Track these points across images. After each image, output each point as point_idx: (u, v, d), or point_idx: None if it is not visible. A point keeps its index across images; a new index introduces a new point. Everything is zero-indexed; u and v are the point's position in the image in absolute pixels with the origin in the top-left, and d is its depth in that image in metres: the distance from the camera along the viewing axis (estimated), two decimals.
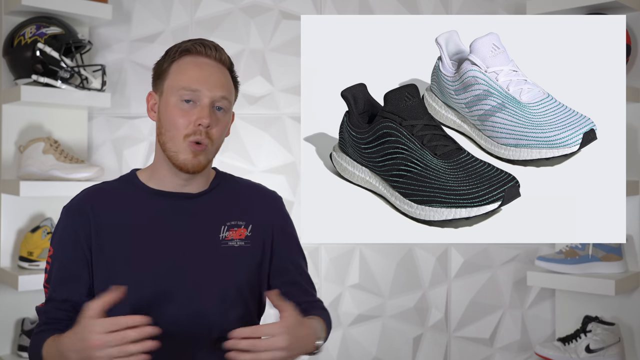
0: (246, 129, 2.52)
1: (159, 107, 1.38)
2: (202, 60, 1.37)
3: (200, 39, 1.40)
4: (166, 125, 1.35)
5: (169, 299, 1.33)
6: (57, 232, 1.39)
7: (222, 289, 1.36)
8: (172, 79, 1.36)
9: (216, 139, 1.36)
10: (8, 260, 2.29)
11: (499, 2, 2.52)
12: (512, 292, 2.52)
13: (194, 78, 1.34)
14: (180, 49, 1.37)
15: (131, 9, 2.52)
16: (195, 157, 1.33)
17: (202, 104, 1.33)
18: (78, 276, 1.35)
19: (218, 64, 1.38)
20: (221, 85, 1.36)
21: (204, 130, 1.32)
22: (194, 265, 1.35)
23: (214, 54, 1.38)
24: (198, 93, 1.33)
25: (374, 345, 2.55)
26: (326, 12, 2.54)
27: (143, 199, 1.38)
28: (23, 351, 2.24)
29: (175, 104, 1.34)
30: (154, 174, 1.41)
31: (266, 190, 1.52)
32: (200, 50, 1.37)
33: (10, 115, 2.30)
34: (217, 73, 1.37)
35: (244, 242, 1.40)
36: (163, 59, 1.39)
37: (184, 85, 1.33)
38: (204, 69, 1.35)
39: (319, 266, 2.53)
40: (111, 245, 1.34)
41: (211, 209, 1.40)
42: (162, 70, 1.38)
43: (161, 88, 1.38)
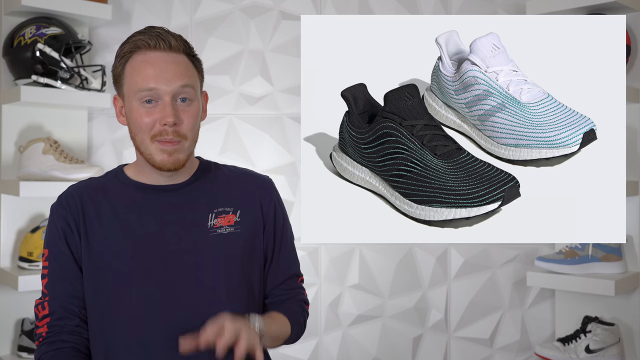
0: (246, 129, 2.52)
1: (125, 111, 1.36)
2: (152, 55, 1.31)
3: (147, 28, 1.35)
4: (134, 129, 1.33)
5: (160, 292, 1.32)
6: (49, 232, 1.38)
7: (214, 278, 1.35)
8: (128, 82, 1.33)
9: (188, 132, 1.32)
10: (8, 260, 2.29)
11: (499, 2, 2.52)
12: (512, 293, 2.52)
13: (148, 77, 1.29)
14: (129, 46, 1.33)
15: (131, 9, 2.52)
16: (170, 155, 1.31)
17: (164, 102, 1.29)
18: (75, 270, 1.35)
19: (170, 53, 1.32)
20: (177, 75, 1.31)
21: (170, 129, 1.30)
22: (184, 255, 1.34)
23: (162, 44, 1.32)
24: (156, 91, 1.29)
25: (373, 346, 2.55)
26: (326, 12, 2.54)
27: (129, 193, 1.37)
28: (23, 351, 2.24)
29: (137, 107, 1.31)
30: (140, 170, 1.40)
31: (255, 174, 1.49)
32: (148, 44, 1.31)
33: (10, 115, 2.30)
34: (171, 64, 1.31)
35: (233, 228, 1.38)
36: (116, 60, 1.36)
37: (140, 87, 1.30)
38: (156, 65, 1.30)
39: (319, 266, 2.53)
40: (99, 240, 1.34)
41: (197, 197, 1.39)
42: (117, 73, 1.35)
43: (122, 92, 1.35)
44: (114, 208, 1.36)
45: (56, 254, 1.36)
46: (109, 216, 1.35)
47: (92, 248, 1.34)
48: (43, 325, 1.34)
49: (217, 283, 1.35)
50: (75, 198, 1.37)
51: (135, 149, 1.37)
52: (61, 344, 1.31)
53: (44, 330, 1.33)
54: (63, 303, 1.34)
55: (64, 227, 1.35)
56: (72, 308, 1.34)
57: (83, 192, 1.38)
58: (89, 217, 1.35)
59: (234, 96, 2.53)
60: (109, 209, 1.36)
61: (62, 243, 1.35)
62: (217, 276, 1.35)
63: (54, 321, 1.33)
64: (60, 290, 1.34)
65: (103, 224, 1.35)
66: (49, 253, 1.37)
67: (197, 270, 1.34)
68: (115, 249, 1.33)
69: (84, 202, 1.36)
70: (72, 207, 1.36)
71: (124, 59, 1.34)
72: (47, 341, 1.32)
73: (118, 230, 1.34)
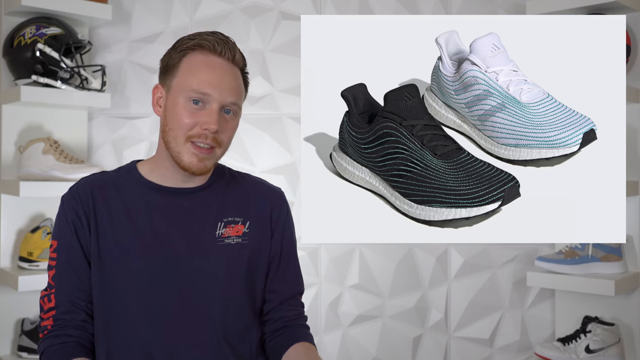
0: (246, 129, 2.52)
1: (165, 103, 1.33)
2: (214, 60, 1.31)
3: (214, 33, 1.33)
4: (171, 124, 1.31)
5: (164, 295, 1.32)
6: (58, 223, 1.36)
7: (219, 288, 1.35)
8: (181, 77, 1.31)
9: (225, 142, 1.33)
10: (8, 260, 2.29)
11: (499, 2, 2.52)
12: (512, 293, 2.52)
13: (205, 81, 1.28)
14: (193, 42, 1.31)
15: (131, 9, 2.52)
16: (200, 161, 1.31)
17: (211, 108, 1.29)
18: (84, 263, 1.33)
19: (231, 65, 1.32)
20: (232, 89, 1.31)
21: (210, 135, 1.29)
22: (190, 261, 1.33)
23: (228, 54, 1.31)
24: (208, 97, 1.28)
25: (373, 346, 2.55)
26: (326, 12, 2.54)
27: (141, 193, 1.36)
28: (23, 351, 2.24)
29: (183, 104, 1.29)
30: (156, 168, 1.38)
31: (268, 186, 1.49)
32: (214, 48, 1.30)
33: (10, 115, 2.30)
34: (230, 76, 1.31)
35: (241, 239, 1.38)
36: (173, 51, 1.33)
37: (194, 88, 1.28)
38: (216, 71, 1.30)
39: (318, 266, 2.53)
40: (108, 237, 1.32)
41: (209, 204, 1.38)
42: (171, 64, 1.32)
43: (169, 84, 1.33)
44: (125, 206, 1.34)
45: (65, 247, 1.33)
46: (120, 214, 1.34)
47: (101, 244, 1.32)
48: (48, 318, 1.32)
49: (219, 292, 1.35)
50: (87, 191, 1.35)
51: (161, 143, 1.35)
52: (66, 338, 1.30)
53: (49, 323, 1.31)
54: (70, 297, 1.32)
55: (75, 219, 1.33)
56: (79, 302, 1.32)
57: (94, 186, 1.36)
58: (100, 212, 1.33)
59: None
60: (120, 207, 1.34)
61: (72, 236, 1.33)
62: (220, 285, 1.35)
63: (60, 314, 1.31)
64: (68, 284, 1.32)
65: (113, 221, 1.33)
66: (58, 244, 1.34)
67: (201, 277, 1.34)
68: (123, 247, 1.32)
69: (95, 196, 1.34)
70: (84, 200, 1.33)
71: (183, 52, 1.32)
72: (52, 334, 1.30)
73: (128, 228, 1.33)
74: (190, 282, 1.33)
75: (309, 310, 2.50)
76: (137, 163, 1.42)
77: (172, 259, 1.33)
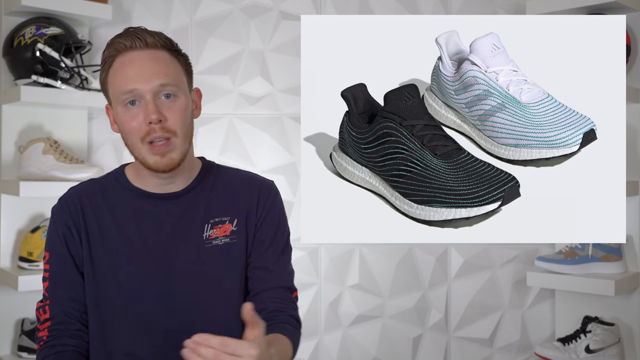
0: (246, 129, 2.52)
1: (115, 119, 1.34)
2: (130, 56, 1.28)
3: (125, 30, 1.30)
4: (124, 134, 1.31)
5: (157, 302, 1.32)
6: (50, 235, 1.37)
7: (209, 291, 1.34)
8: (112, 88, 1.30)
9: (177, 127, 1.28)
10: (8, 260, 2.29)
11: (499, 2, 2.52)
12: (512, 293, 2.52)
13: (127, 78, 1.26)
14: (109, 51, 1.30)
15: (131, 9, 2.52)
16: (163, 156, 1.28)
17: (146, 100, 1.26)
18: (76, 274, 1.34)
19: (147, 50, 1.28)
20: (157, 73, 1.27)
21: (156, 126, 1.26)
22: (181, 266, 1.33)
23: (138, 43, 1.28)
24: (137, 91, 1.26)
25: (373, 346, 2.55)
26: (326, 12, 2.54)
27: (129, 200, 1.36)
28: (23, 351, 2.24)
29: (123, 111, 1.28)
30: (138, 175, 1.38)
31: (257, 178, 1.45)
32: (124, 46, 1.28)
33: (10, 115, 2.30)
34: (149, 62, 1.27)
35: (229, 239, 1.36)
36: (101, 71, 1.32)
37: (121, 90, 1.27)
38: (134, 64, 1.27)
39: (318, 266, 2.53)
40: (99, 247, 1.33)
41: (195, 207, 1.36)
42: (102, 81, 1.33)
43: (110, 99, 1.33)
44: (113, 215, 1.35)
45: (57, 258, 1.35)
46: (109, 223, 1.34)
47: (93, 254, 1.33)
48: (44, 329, 1.33)
49: (211, 294, 1.34)
50: (76, 202, 1.36)
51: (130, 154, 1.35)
52: (62, 347, 1.31)
53: (45, 334, 1.33)
54: (64, 307, 1.33)
55: (65, 231, 1.34)
56: (72, 312, 1.33)
57: (83, 196, 1.37)
58: (90, 222, 1.34)
59: (234, 96, 2.53)
60: (109, 216, 1.35)
61: (63, 247, 1.34)
62: (211, 287, 1.34)
63: (55, 325, 1.33)
64: (61, 295, 1.34)
65: (103, 231, 1.34)
66: (50, 256, 1.36)
67: (193, 281, 1.33)
68: (113, 257, 1.33)
69: (84, 206, 1.35)
70: (73, 212, 1.35)
71: (106, 65, 1.31)
72: (48, 345, 1.31)
73: (117, 238, 1.33)
74: (181, 287, 1.33)
75: (309, 311, 2.50)
76: (125, 167, 1.42)
77: (162, 265, 1.33)
